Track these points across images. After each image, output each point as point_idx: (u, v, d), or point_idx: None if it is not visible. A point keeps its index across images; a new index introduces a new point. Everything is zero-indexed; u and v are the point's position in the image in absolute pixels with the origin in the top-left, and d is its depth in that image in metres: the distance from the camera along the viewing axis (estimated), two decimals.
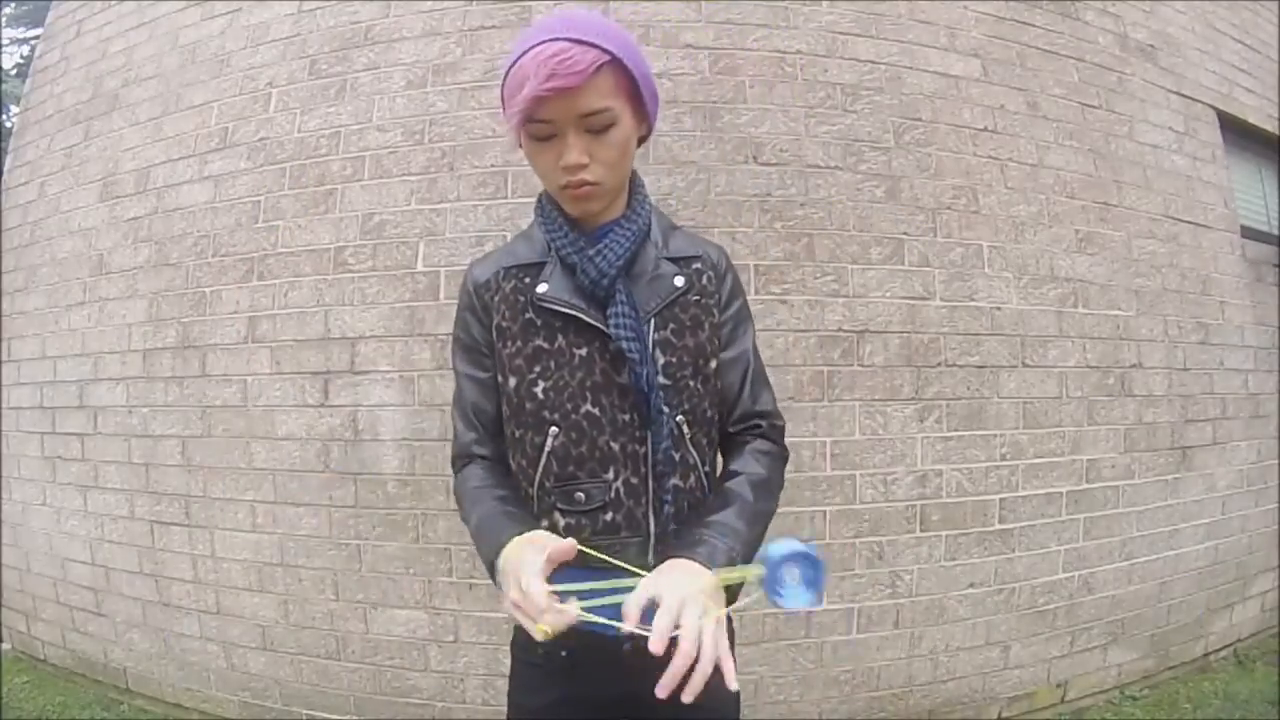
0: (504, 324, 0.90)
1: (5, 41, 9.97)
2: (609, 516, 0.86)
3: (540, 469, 0.88)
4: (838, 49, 2.25)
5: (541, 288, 0.88)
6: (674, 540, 0.84)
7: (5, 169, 3.15)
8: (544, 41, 0.77)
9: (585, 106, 0.79)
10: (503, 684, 2.09)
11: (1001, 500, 2.22)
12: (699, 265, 0.93)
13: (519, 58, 0.78)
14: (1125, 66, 2.65)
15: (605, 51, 0.78)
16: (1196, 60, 2.90)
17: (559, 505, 0.87)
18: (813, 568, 0.66)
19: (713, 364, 0.91)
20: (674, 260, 0.92)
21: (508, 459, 0.93)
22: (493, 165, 2.16)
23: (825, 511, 2.09)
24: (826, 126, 2.21)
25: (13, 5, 9.83)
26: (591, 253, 0.87)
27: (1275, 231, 3.22)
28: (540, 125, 0.80)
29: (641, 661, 0.67)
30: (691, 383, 0.89)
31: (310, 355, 2.22)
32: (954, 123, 2.31)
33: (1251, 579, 2.78)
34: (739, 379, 0.95)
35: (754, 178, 2.15)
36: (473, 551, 2.06)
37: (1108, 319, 2.44)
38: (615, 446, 0.86)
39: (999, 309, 2.27)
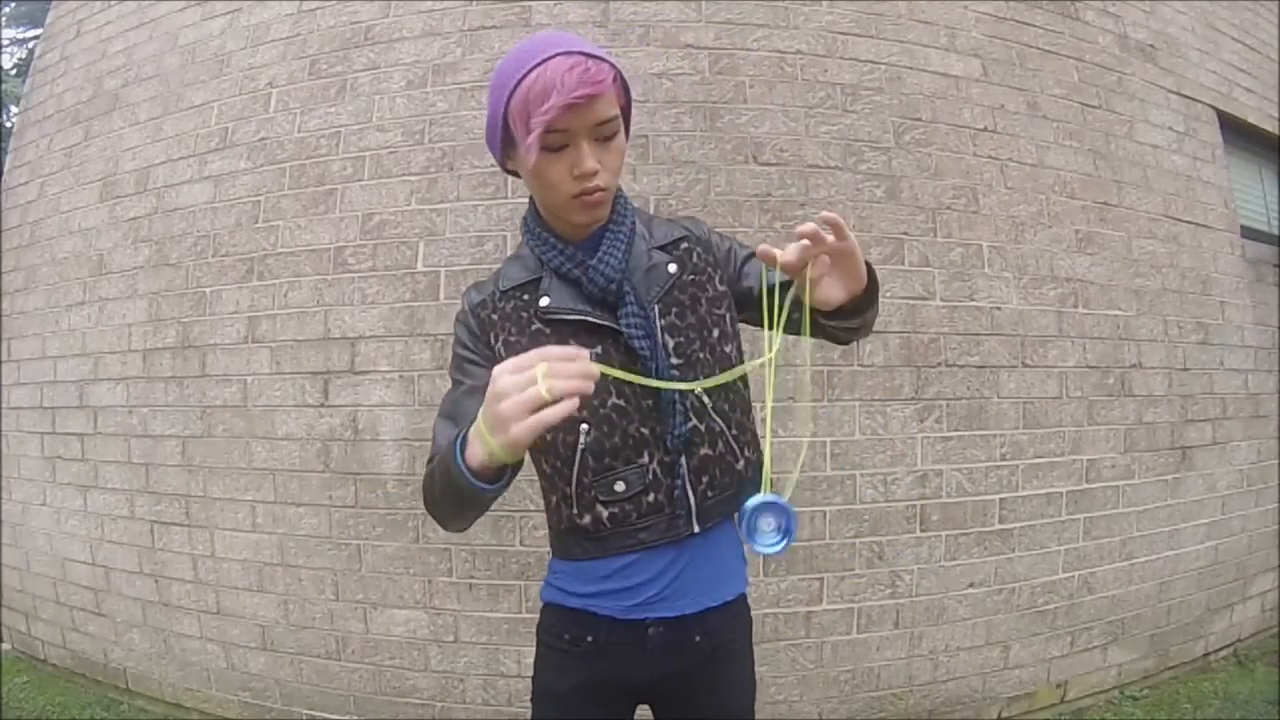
0: (510, 339, 0.91)
1: (5, 41, 9.97)
2: (650, 498, 0.90)
3: (576, 467, 0.89)
4: (838, 49, 2.25)
5: (544, 301, 0.91)
6: None
7: (5, 169, 3.15)
8: (554, 56, 0.80)
9: (602, 115, 0.83)
10: (503, 684, 2.11)
11: (1001, 500, 2.22)
12: (686, 244, 0.97)
13: (527, 74, 0.80)
14: (1125, 66, 2.65)
15: (612, 65, 0.84)
16: (1196, 60, 2.90)
17: (600, 498, 0.89)
18: (784, 515, 0.71)
19: (716, 332, 0.94)
20: (662, 248, 0.96)
21: None
22: (492, 165, 2.16)
23: (825, 511, 2.09)
24: (826, 126, 2.21)
25: (13, 5, 9.82)
26: (594, 261, 0.90)
27: (1275, 231, 3.22)
28: (556, 135, 0.81)
29: (666, 646, 0.68)
30: (701, 354, 0.92)
31: (310, 355, 2.23)
32: (954, 123, 2.31)
33: (1251, 579, 2.78)
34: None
35: (754, 178, 2.15)
36: (473, 551, 2.08)
37: (1108, 319, 2.44)
38: (645, 431, 0.89)
39: (999, 309, 2.27)
